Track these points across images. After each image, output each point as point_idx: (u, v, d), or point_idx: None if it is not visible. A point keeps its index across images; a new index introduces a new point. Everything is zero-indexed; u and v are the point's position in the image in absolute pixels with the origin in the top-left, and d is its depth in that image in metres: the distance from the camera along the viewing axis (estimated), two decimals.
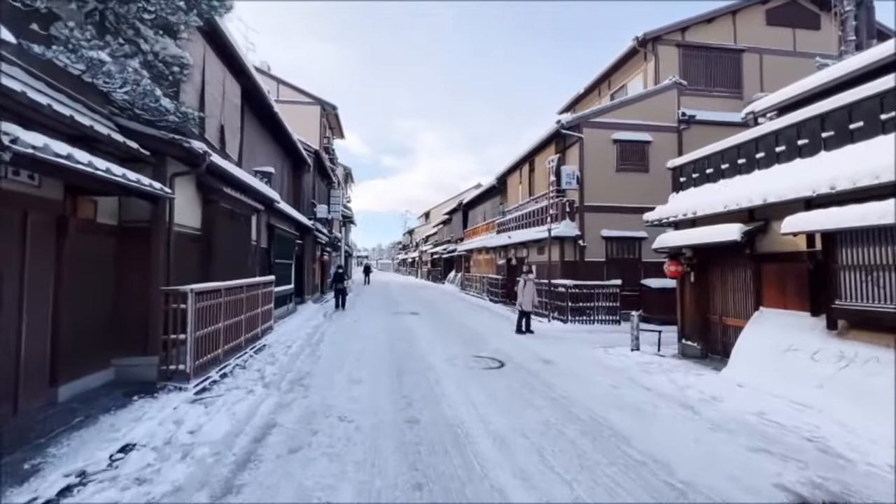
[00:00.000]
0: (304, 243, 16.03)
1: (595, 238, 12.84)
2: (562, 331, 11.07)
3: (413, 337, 9.40)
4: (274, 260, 10.70)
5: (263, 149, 11.79)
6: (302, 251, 16.00)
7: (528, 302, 10.38)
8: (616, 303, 12.07)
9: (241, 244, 8.06)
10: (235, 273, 7.56)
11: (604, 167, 12.99)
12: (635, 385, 6.00)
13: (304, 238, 16.02)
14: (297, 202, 15.85)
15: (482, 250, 23.39)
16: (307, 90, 22.50)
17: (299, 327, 10.43)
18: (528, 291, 10.38)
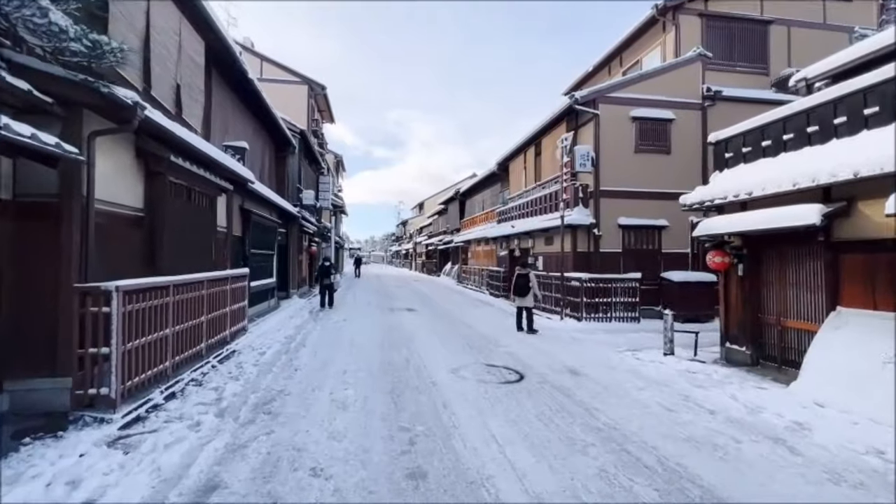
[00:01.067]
0: (288, 232, 14.62)
1: (611, 226, 11.59)
2: (577, 330, 9.84)
3: (411, 340, 8.11)
4: (250, 250, 9.32)
5: (240, 125, 10.34)
6: (286, 241, 14.59)
7: (531, 299, 9.15)
8: (635, 298, 10.87)
9: (202, 230, 6.67)
10: (195, 265, 6.19)
11: (621, 148, 11.70)
12: (693, 405, 4.77)
13: (288, 226, 14.60)
14: (281, 187, 14.40)
15: (481, 241, 22.10)
16: (294, 68, 20.92)
17: (279, 327, 9.09)
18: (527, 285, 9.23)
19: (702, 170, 12.04)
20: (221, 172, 7.04)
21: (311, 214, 18.02)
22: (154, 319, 4.62)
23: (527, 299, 9.19)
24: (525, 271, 9.23)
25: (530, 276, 9.18)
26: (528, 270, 9.26)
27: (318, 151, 21.00)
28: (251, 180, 8.09)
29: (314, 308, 12.73)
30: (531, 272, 9.27)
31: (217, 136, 8.53)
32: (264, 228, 10.75)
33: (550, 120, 13.20)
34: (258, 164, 11.69)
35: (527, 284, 9.16)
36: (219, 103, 8.72)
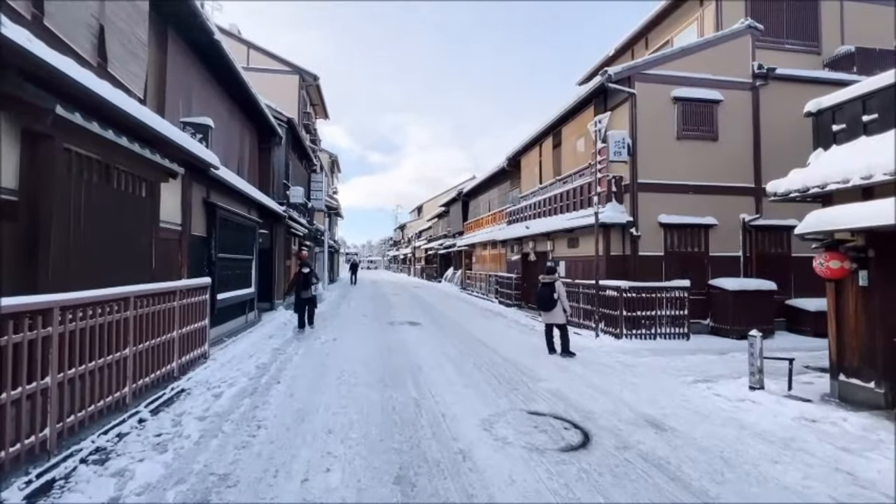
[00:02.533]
0: (273, 234, 12.82)
1: (650, 225, 9.85)
2: (620, 350, 8.06)
3: (418, 369, 6.30)
4: (217, 254, 7.49)
5: (212, 106, 8.55)
6: (271, 243, 12.78)
7: (560, 314, 7.40)
8: (683, 310, 9.10)
9: (132, 227, 4.86)
10: (118, 275, 4.39)
11: (661, 134, 9.99)
12: (866, 491, 3.00)
13: (273, 227, 12.80)
14: (265, 182, 12.61)
15: (487, 244, 20.35)
16: (283, 56, 19.19)
17: (253, 351, 7.26)
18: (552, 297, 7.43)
19: (753, 160, 10.35)
20: (168, 150, 5.24)
21: (301, 215, 16.21)
22: (17, 364, 2.82)
23: (554, 314, 7.42)
24: (550, 279, 7.46)
25: (556, 287, 7.40)
26: (553, 278, 7.48)
27: (309, 147, 19.24)
28: (213, 164, 6.29)
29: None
30: (558, 281, 7.48)
31: (175, 112, 6.74)
32: (239, 228, 8.94)
33: (575, 104, 11.48)
34: (234, 153, 9.90)
35: (552, 296, 7.39)
36: (179, 73, 6.95)
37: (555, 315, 7.39)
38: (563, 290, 7.43)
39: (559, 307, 7.36)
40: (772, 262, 10.28)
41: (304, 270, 9.30)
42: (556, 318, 7.40)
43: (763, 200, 10.28)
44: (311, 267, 9.61)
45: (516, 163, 16.91)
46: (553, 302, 7.39)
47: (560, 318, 7.39)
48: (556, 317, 7.39)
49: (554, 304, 7.35)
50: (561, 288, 7.40)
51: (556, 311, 7.37)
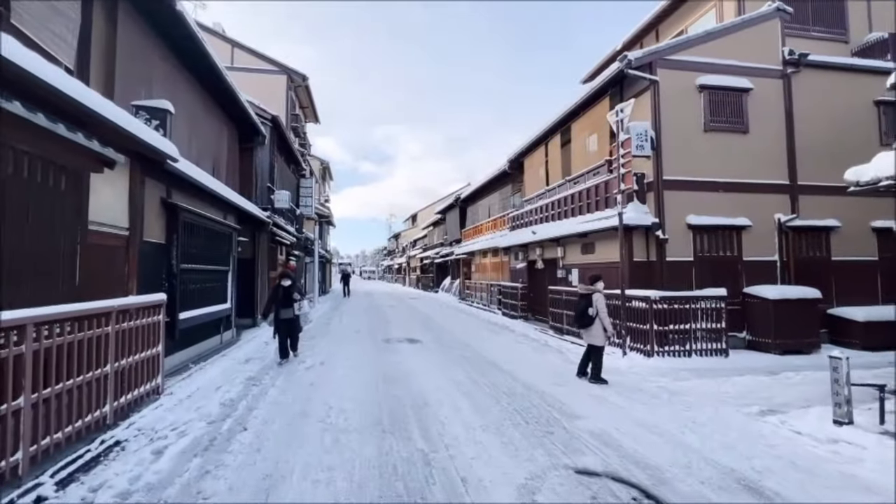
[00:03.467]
0: (255, 242, 11.61)
1: (678, 228, 8.79)
2: (655, 372, 6.92)
3: (424, 404, 5.11)
4: (179, 265, 6.27)
5: (181, 95, 7.42)
6: (253, 253, 11.57)
7: (599, 333, 6.23)
8: (720, 323, 8.00)
9: (37, 228, 3.67)
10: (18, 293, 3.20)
11: (687, 125, 8.99)
12: None
13: (256, 235, 11.60)
14: (247, 186, 11.44)
15: (488, 252, 19.25)
16: (270, 56, 18.13)
17: (221, 382, 6.01)
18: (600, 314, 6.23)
19: (787, 154, 9.37)
20: (103, 132, 4.07)
21: (288, 222, 15.02)
22: None
23: (592, 333, 6.24)
24: (588, 290, 6.30)
25: (593, 300, 6.25)
26: (592, 289, 6.31)
27: (298, 150, 18.11)
28: (170, 155, 5.12)
29: None
30: (597, 293, 6.31)
31: (127, 94, 5.59)
32: (212, 235, 7.74)
33: (588, 95, 10.47)
34: (209, 151, 8.74)
35: (586, 311, 6.24)
36: (135, 53, 5.81)
37: (594, 334, 6.20)
38: (604, 305, 6.23)
39: (598, 325, 6.18)
40: (810, 267, 9.25)
41: (283, 283, 7.28)
42: (596, 339, 6.19)
43: (799, 199, 9.31)
44: (294, 279, 7.61)
45: (519, 165, 15.87)
46: (589, 318, 6.21)
47: (598, 340, 6.19)
48: (596, 336, 6.19)
49: (590, 320, 6.19)
50: (600, 301, 6.20)
51: (595, 329, 6.18)
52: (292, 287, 7.35)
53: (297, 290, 7.42)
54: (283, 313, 7.23)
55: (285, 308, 7.24)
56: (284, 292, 7.27)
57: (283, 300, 7.24)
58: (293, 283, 7.41)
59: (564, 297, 10.69)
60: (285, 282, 7.33)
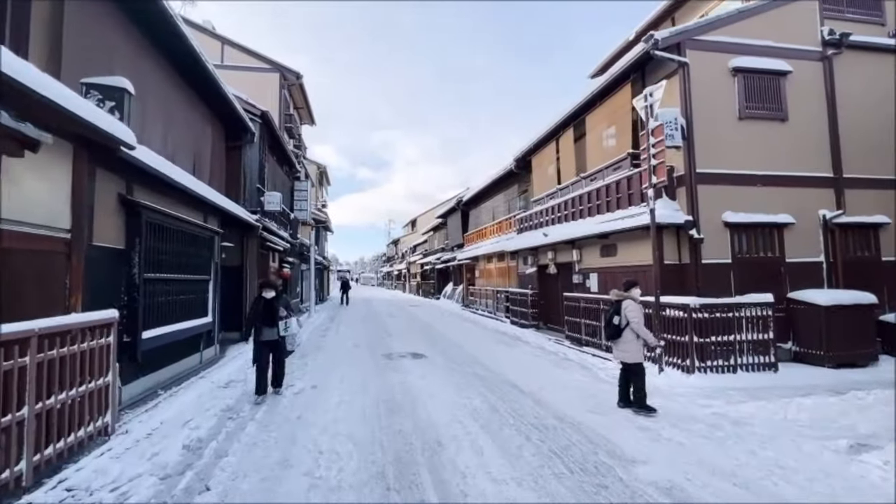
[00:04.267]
0: (244, 248, 10.65)
1: (714, 226, 7.85)
2: (700, 392, 5.94)
3: (440, 452, 4.11)
4: (144, 274, 5.30)
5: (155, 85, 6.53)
6: (241, 260, 10.61)
7: (631, 348, 5.21)
8: (767, 333, 7.03)
9: None
10: None
11: (720, 113, 8.09)
12: None
13: (244, 240, 10.64)
14: (234, 186, 10.51)
15: (493, 256, 18.30)
16: (262, 53, 17.27)
17: (192, 414, 5.02)
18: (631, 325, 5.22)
19: (830, 143, 8.46)
20: (18, 101, 3.13)
21: (281, 227, 14.07)
22: None
23: (623, 347, 5.24)
24: (621, 296, 5.31)
25: (623, 307, 5.27)
26: (624, 295, 5.33)
27: (292, 151, 17.20)
28: (123, 140, 4.17)
29: None
30: (628, 300, 5.31)
31: (79, 74, 4.66)
32: (188, 239, 6.77)
33: (606, 83, 9.57)
34: (187, 147, 7.80)
35: (612, 319, 5.28)
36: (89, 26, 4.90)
37: (623, 348, 5.23)
38: (638, 313, 5.20)
39: (629, 337, 5.19)
40: (859, 269, 8.31)
41: (265, 295, 5.73)
42: (626, 355, 5.21)
43: (845, 193, 8.38)
44: (279, 289, 6.04)
45: (526, 163, 14.96)
46: (615, 328, 5.26)
47: (631, 355, 5.19)
48: (627, 351, 5.21)
49: (617, 331, 5.22)
50: (630, 309, 5.19)
51: (626, 342, 5.20)
52: (277, 300, 5.76)
53: (282, 304, 5.80)
54: (264, 334, 5.67)
55: (267, 327, 5.67)
56: (266, 307, 5.69)
57: (264, 317, 5.67)
58: (278, 294, 5.85)
59: (583, 304, 9.73)
60: (267, 293, 5.74)
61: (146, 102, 6.32)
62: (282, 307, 5.76)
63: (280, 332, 5.74)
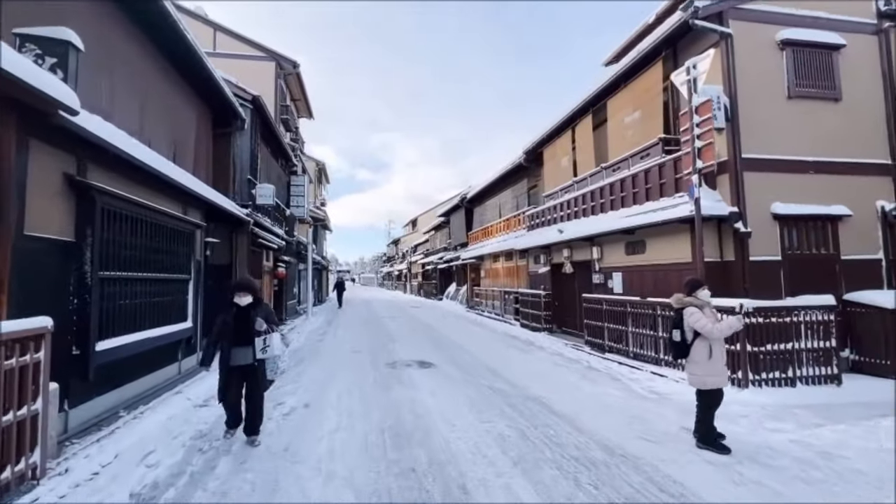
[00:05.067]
0: (233, 245, 9.72)
1: (761, 219, 6.94)
2: (763, 412, 5.02)
3: (466, 500, 3.20)
4: (98, 272, 4.38)
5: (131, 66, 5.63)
6: (231, 258, 9.68)
7: (704, 369, 4.05)
8: (829, 341, 6.11)
9: None
10: None
11: (767, 91, 7.18)
12: None
13: (234, 236, 9.71)
14: (223, 177, 9.59)
15: (500, 255, 17.39)
16: (257, 40, 16.36)
17: (156, 444, 4.09)
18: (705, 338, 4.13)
19: (887, 126, 7.55)
20: None
21: (276, 224, 13.14)
22: None
23: (696, 370, 4.08)
24: (683, 303, 4.31)
25: (685, 316, 4.20)
26: (685, 301, 4.30)
27: (289, 144, 16.29)
28: (61, 102, 3.26)
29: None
30: (691, 308, 4.20)
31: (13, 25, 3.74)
32: (161, 233, 5.85)
33: (633, 63, 8.67)
34: (167, 131, 6.89)
35: (675, 330, 4.29)
36: None
37: (693, 370, 4.11)
38: (703, 319, 4.06)
39: (700, 355, 4.04)
40: None
41: (238, 302, 4.16)
42: (696, 378, 4.06)
43: None
44: (258, 293, 4.35)
45: (537, 155, 14.04)
46: (683, 346, 4.19)
47: (705, 378, 4.00)
48: (695, 374, 4.07)
49: (682, 347, 4.22)
50: (697, 317, 4.08)
51: (697, 362, 4.07)
52: (255, 309, 4.16)
53: (262, 314, 4.15)
54: (235, 356, 4.08)
55: (240, 346, 4.07)
56: (240, 318, 4.09)
57: (236, 332, 4.06)
58: (257, 301, 4.24)
59: (605, 307, 8.82)
60: (241, 298, 4.15)
61: (115, 75, 5.42)
62: (260, 318, 4.10)
63: (257, 353, 4.05)
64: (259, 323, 4.07)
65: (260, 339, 4.04)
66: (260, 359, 4.08)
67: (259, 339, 4.04)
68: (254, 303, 4.21)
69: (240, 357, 4.10)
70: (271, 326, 4.16)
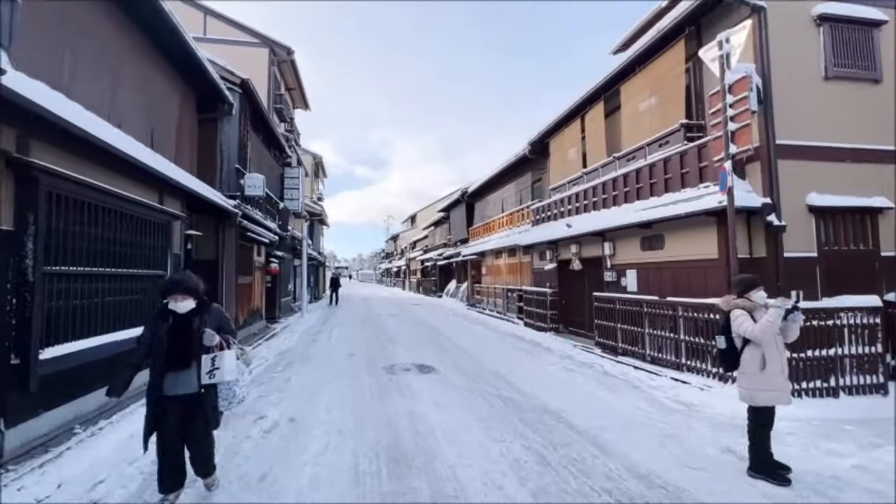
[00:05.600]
0: (219, 239, 9.07)
1: (796, 211, 6.32)
2: (807, 429, 4.42)
3: None
4: (44, 267, 3.73)
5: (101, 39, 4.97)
6: (217, 253, 9.04)
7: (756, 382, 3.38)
8: (875, 346, 5.51)
9: None
10: None
11: (802, 72, 6.55)
12: None
13: (220, 229, 9.07)
14: (209, 166, 8.95)
15: (503, 251, 16.76)
16: (249, 25, 15.64)
17: (110, 470, 3.46)
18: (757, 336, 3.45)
19: None
20: None
21: (268, 217, 12.49)
22: None
23: (746, 383, 3.45)
24: (733, 305, 3.66)
25: (732, 319, 3.54)
26: (735, 303, 3.65)
27: (283, 135, 15.60)
28: None
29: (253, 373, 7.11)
30: (737, 309, 3.57)
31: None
32: (130, 223, 5.20)
33: (650, 44, 8.01)
34: (143, 113, 6.22)
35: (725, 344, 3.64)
36: None
37: (744, 383, 3.47)
38: (750, 323, 3.41)
39: (752, 365, 3.40)
40: None
41: (175, 308, 2.93)
42: (746, 392, 3.44)
43: None
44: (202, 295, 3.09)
45: (543, 146, 13.39)
46: (732, 356, 3.56)
47: (756, 394, 3.38)
48: (746, 387, 3.44)
49: (731, 357, 3.58)
50: (742, 321, 3.44)
51: (748, 374, 3.43)
52: (200, 317, 2.98)
53: (213, 321, 3.01)
54: (171, 383, 2.89)
55: (178, 369, 2.90)
56: (177, 329, 2.91)
57: (172, 349, 2.89)
58: (203, 305, 3.05)
59: (619, 306, 8.21)
60: (178, 302, 2.93)
61: (77, 46, 4.76)
62: (209, 329, 2.91)
63: (204, 377, 2.89)
64: (208, 336, 2.88)
65: (208, 357, 2.88)
66: (204, 385, 2.90)
67: (207, 357, 2.88)
68: (198, 308, 2.99)
69: (178, 384, 2.87)
70: (226, 339, 2.98)
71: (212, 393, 2.98)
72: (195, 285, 3.03)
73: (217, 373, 2.91)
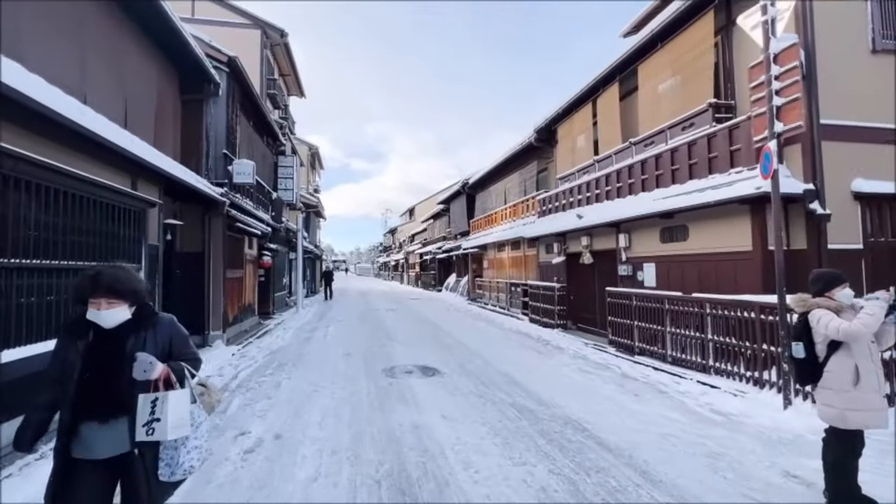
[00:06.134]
0: (206, 230, 8.43)
1: (840, 198, 5.73)
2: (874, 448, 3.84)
3: None
4: None
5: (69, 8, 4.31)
6: (204, 245, 8.40)
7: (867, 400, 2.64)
8: None
9: None
10: None
11: (847, 45, 5.91)
12: None
13: (206, 219, 8.42)
14: (194, 151, 8.28)
15: (506, 244, 16.16)
16: (240, 6, 14.84)
17: None
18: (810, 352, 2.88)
19: None
20: None
21: (260, 208, 11.83)
22: None
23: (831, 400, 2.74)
24: (809, 304, 2.99)
25: (812, 322, 2.85)
26: (811, 304, 2.94)
27: (277, 122, 14.88)
28: None
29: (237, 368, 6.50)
30: (818, 308, 2.87)
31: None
32: (95, 210, 4.56)
33: (675, 16, 7.34)
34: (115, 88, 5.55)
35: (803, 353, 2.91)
36: None
37: (826, 399, 2.79)
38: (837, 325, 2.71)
39: (841, 378, 2.73)
40: None
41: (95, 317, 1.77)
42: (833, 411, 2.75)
43: None
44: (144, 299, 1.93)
45: (549, 134, 12.73)
46: (812, 365, 2.88)
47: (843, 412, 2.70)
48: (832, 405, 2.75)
49: (810, 368, 2.89)
50: (833, 320, 2.74)
51: (831, 388, 2.76)
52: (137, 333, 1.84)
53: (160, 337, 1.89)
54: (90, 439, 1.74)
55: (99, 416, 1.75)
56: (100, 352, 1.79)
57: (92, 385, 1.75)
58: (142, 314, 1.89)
59: (635, 302, 7.62)
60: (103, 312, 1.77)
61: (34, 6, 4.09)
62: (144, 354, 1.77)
63: (139, 430, 1.73)
64: (140, 364, 1.74)
65: (146, 399, 1.75)
66: (144, 442, 1.75)
67: (145, 399, 1.76)
68: (136, 320, 1.87)
69: (98, 441, 1.76)
70: (178, 370, 1.88)
71: (151, 454, 1.80)
72: (131, 284, 1.86)
73: (157, 426, 1.72)
